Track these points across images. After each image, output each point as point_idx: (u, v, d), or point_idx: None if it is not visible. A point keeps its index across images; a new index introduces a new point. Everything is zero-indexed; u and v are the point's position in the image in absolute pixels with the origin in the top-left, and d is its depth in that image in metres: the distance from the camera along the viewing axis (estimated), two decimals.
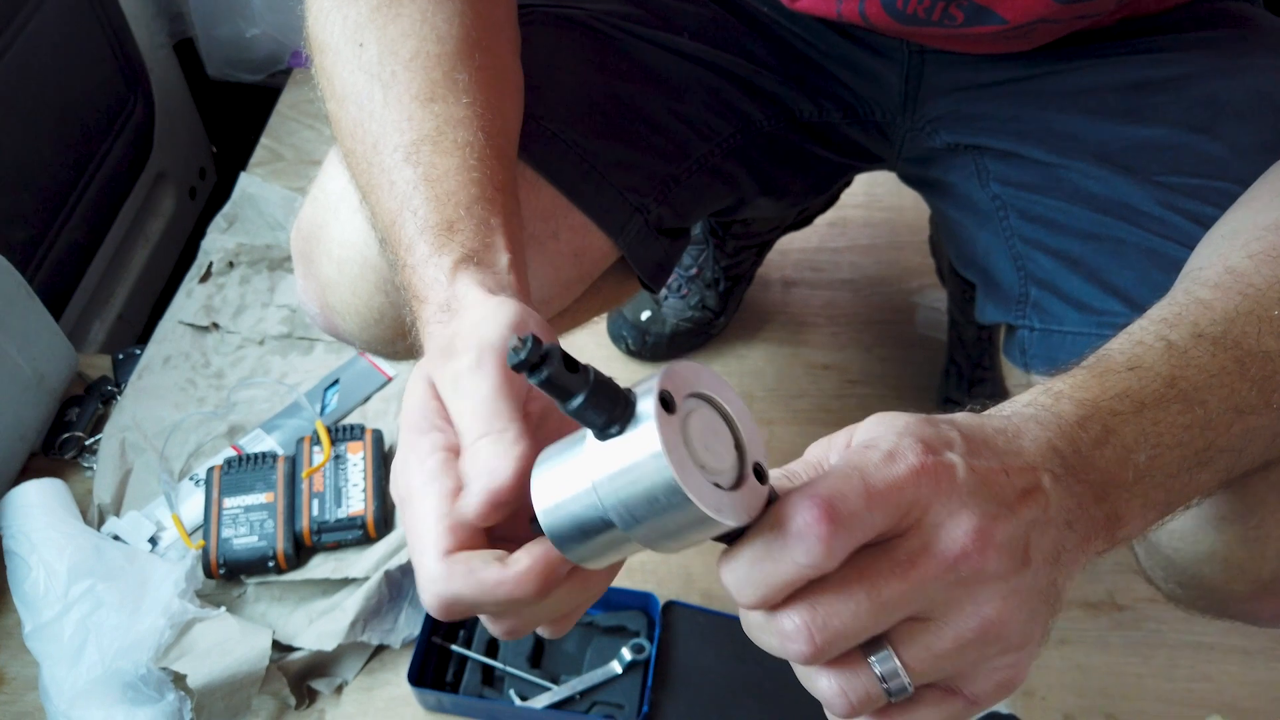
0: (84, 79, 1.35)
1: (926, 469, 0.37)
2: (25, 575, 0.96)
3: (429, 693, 0.93)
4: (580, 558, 0.39)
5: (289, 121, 1.52)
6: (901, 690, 0.38)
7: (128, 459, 1.11)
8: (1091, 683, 0.97)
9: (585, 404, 0.34)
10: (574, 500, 0.37)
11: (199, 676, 0.89)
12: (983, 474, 0.38)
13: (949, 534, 0.37)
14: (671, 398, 0.35)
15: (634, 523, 0.36)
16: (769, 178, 0.84)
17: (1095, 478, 0.41)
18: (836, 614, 0.37)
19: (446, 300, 0.49)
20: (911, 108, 0.82)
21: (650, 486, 0.35)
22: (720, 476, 0.36)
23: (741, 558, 0.37)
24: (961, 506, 0.37)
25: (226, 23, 1.57)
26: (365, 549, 1.02)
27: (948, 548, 0.37)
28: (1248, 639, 0.99)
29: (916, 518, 0.37)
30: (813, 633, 0.37)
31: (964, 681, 0.39)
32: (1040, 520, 0.39)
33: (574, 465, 0.37)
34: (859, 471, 0.36)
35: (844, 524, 0.35)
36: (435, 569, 0.42)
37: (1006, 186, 0.77)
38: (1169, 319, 0.47)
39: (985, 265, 0.79)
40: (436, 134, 0.55)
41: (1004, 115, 0.78)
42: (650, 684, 0.93)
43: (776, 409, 1.20)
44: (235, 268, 1.30)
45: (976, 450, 0.39)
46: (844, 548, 0.36)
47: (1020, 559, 0.38)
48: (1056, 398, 0.43)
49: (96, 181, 1.35)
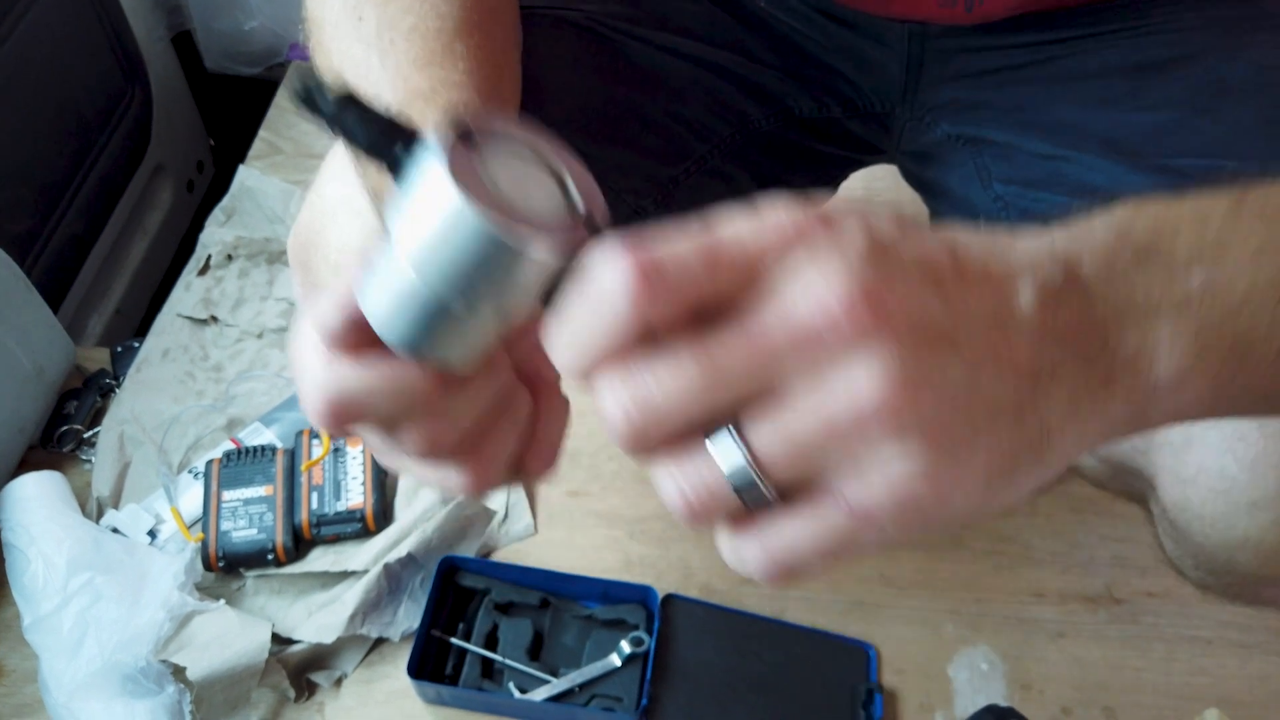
0: (82, 71, 1.35)
1: (798, 227, 0.29)
2: (24, 568, 0.96)
3: (428, 685, 0.93)
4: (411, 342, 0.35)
5: (288, 115, 1.51)
6: (750, 485, 0.30)
7: (126, 452, 1.11)
8: (1089, 676, 0.98)
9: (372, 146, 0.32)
10: (380, 273, 0.34)
11: (198, 669, 0.89)
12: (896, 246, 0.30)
13: (809, 287, 0.29)
14: (467, 129, 0.32)
15: (435, 270, 0.32)
16: (769, 177, 0.84)
17: (1117, 302, 0.32)
18: (658, 383, 0.29)
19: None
20: (912, 97, 0.81)
21: (440, 216, 0.31)
22: (534, 217, 0.32)
23: (555, 324, 0.31)
24: (841, 263, 0.29)
25: (225, 15, 1.57)
26: (364, 542, 1.02)
27: (806, 302, 0.29)
28: (1245, 633, 1.00)
29: (774, 273, 0.29)
30: (629, 408, 0.30)
31: (838, 478, 0.30)
32: (998, 318, 0.30)
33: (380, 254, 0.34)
34: (703, 231, 0.30)
35: (665, 278, 0.29)
36: (319, 375, 0.38)
37: (1009, 185, 0.77)
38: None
39: None
40: (430, 92, 0.55)
41: (1007, 104, 0.78)
42: (649, 677, 0.93)
43: None
44: (234, 261, 1.30)
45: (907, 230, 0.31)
46: (662, 309, 0.29)
47: (936, 334, 0.29)
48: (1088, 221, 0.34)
49: (94, 174, 1.35)
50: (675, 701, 0.93)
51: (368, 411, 0.38)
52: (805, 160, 0.86)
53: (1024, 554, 1.04)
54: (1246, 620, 1.00)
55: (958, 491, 0.29)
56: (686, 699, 0.94)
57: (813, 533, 0.30)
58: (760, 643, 0.97)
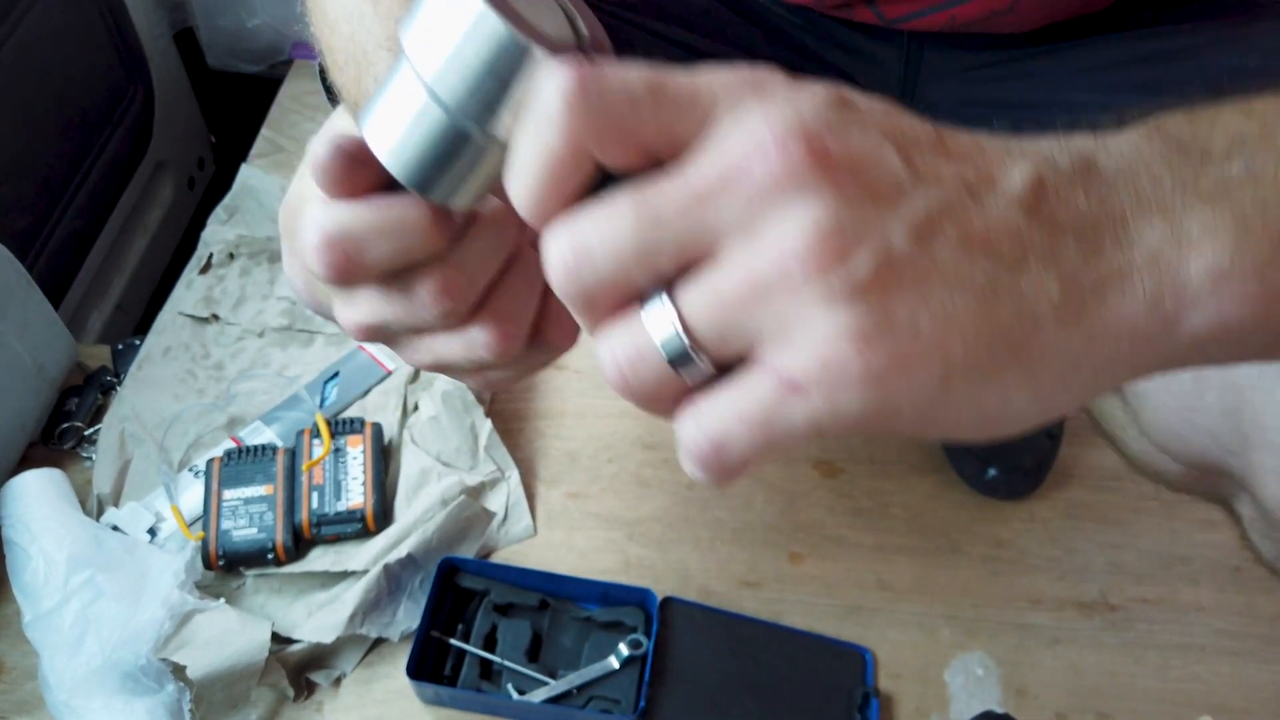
0: (84, 68, 1.35)
1: (739, 79, 0.28)
2: (25, 565, 0.96)
3: (427, 686, 0.93)
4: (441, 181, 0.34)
5: (290, 114, 1.52)
6: (681, 355, 0.28)
7: (127, 450, 1.11)
8: (1084, 682, 0.98)
9: None
10: (396, 109, 0.33)
11: (199, 668, 0.90)
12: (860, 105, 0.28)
13: (746, 130, 0.27)
14: None
15: (458, 95, 0.31)
16: None
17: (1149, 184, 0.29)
18: (596, 230, 0.28)
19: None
20: (911, 92, 0.81)
21: (463, 33, 0.30)
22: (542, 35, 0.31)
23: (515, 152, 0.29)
24: (788, 104, 0.27)
25: (228, 13, 1.57)
26: (364, 542, 1.03)
27: (738, 146, 0.26)
28: (1239, 640, 1.00)
29: (724, 119, 0.27)
30: (566, 256, 0.28)
31: (766, 342, 0.27)
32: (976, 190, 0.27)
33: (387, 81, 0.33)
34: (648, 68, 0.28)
35: (603, 101, 0.27)
36: (319, 208, 0.37)
37: None
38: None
39: None
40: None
41: (1013, 100, 0.77)
42: (648, 679, 0.93)
43: None
44: (235, 259, 1.30)
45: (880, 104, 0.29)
46: (602, 133, 0.27)
47: (882, 192, 0.26)
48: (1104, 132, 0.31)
49: (96, 170, 1.35)
50: (673, 704, 0.94)
51: (371, 253, 0.36)
52: None
53: (1020, 560, 1.05)
54: (1241, 627, 1.01)
55: (897, 368, 0.26)
56: (684, 701, 0.94)
57: (742, 406, 0.27)
58: (758, 646, 0.97)
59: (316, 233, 0.36)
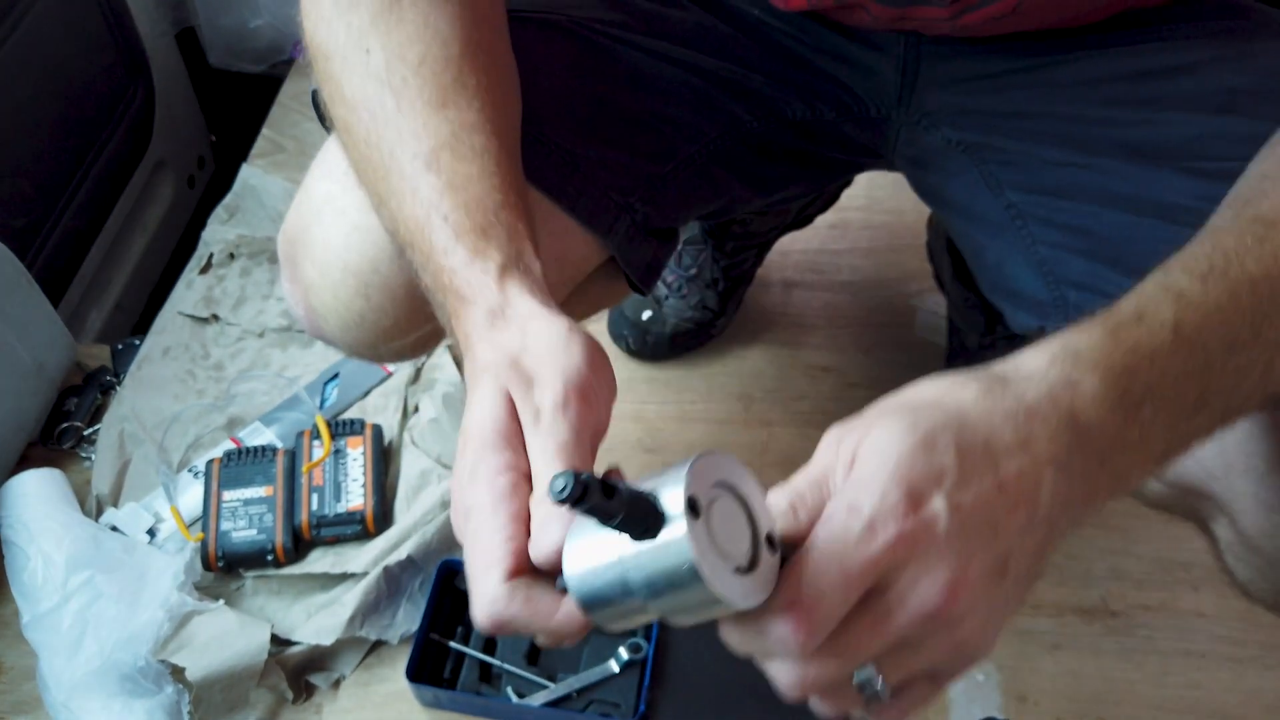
0: (85, 66, 1.35)
1: (904, 538, 0.39)
2: (24, 565, 0.96)
3: (426, 689, 0.93)
4: (604, 622, 0.43)
5: (291, 113, 1.51)
6: (877, 697, 0.42)
7: (126, 450, 1.11)
8: (1083, 688, 0.98)
9: (623, 523, 0.38)
10: (608, 587, 0.41)
11: (197, 669, 0.89)
12: (969, 510, 0.40)
13: (924, 591, 0.39)
14: (699, 502, 0.39)
15: (665, 610, 0.40)
16: (760, 178, 0.84)
17: (1103, 443, 0.43)
18: (824, 672, 0.41)
19: (499, 306, 0.51)
20: (907, 101, 0.81)
21: (684, 588, 0.38)
22: (739, 559, 0.40)
23: (734, 635, 0.41)
24: (938, 561, 0.39)
25: (230, 12, 1.57)
26: (364, 544, 1.02)
27: (923, 603, 0.39)
28: (1239, 647, 1.00)
29: (894, 578, 0.40)
30: (803, 687, 0.41)
31: (938, 675, 0.43)
32: (1030, 524, 0.41)
33: (609, 550, 0.40)
34: (838, 559, 0.39)
35: (820, 625, 0.39)
36: (496, 591, 0.44)
37: (1027, 194, 0.76)
38: (1171, 266, 0.49)
39: (999, 275, 0.78)
40: (454, 140, 0.56)
41: (1007, 109, 0.77)
42: (648, 683, 0.93)
43: (776, 411, 1.20)
44: (236, 259, 1.30)
45: (970, 473, 0.41)
46: (821, 639, 0.39)
47: (997, 576, 0.41)
48: (1075, 360, 0.44)
49: (96, 169, 1.35)
50: (673, 708, 0.94)
51: (522, 632, 0.46)
52: (798, 163, 0.85)
53: None
54: (1241, 634, 1.01)
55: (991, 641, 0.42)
56: (684, 706, 0.94)
57: (920, 702, 0.44)
58: None
59: (489, 618, 0.44)
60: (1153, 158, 0.70)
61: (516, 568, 0.44)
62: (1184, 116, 0.70)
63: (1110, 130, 0.73)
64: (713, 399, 1.22)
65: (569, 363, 0.48)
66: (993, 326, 1.11)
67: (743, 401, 1.21)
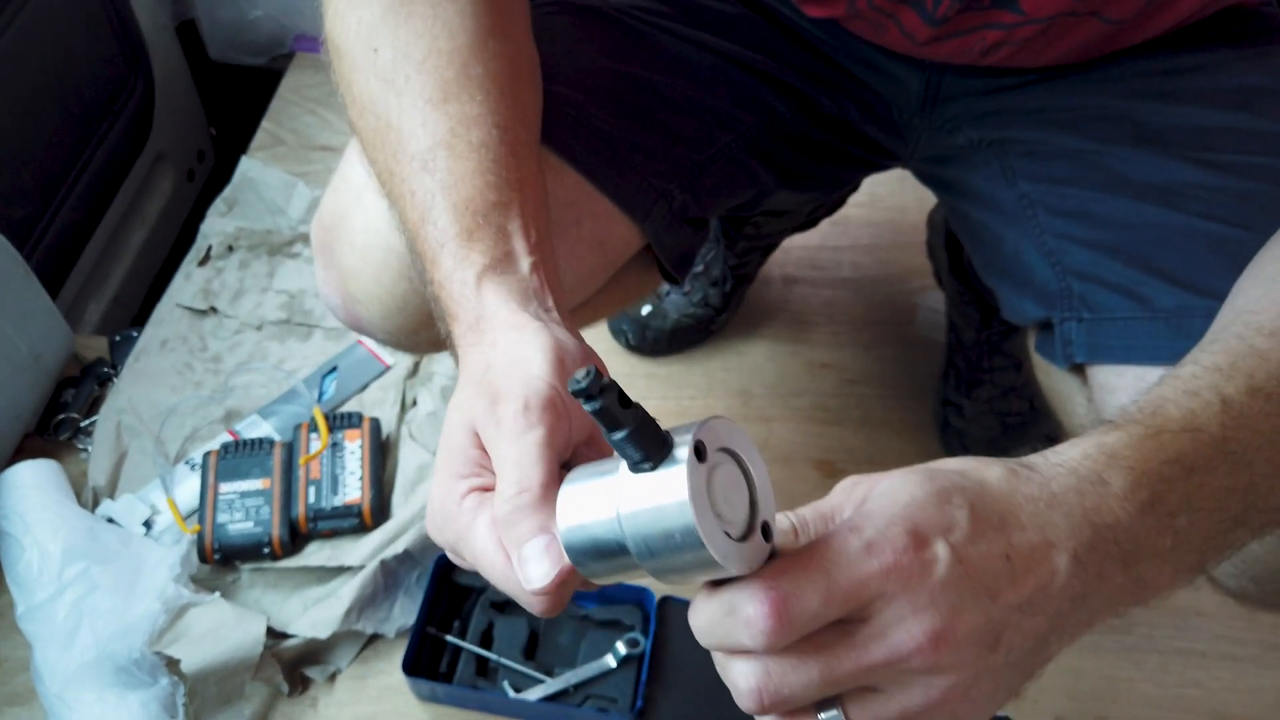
0: (85, 58, 1.34)
1: (899, 568, 0.38)
2: (19, 556, 0.96)
3: (423, 682, 0.92)
4: (589, 573, 0.42)
5: (291, 106, 1.51)
6: None
7: (123, 441, 1.10)
8: (1083, 686, 0.98)
9: (628, 438, 0.37)
10: (597, 524, 0.40)
11: (193, 662, 0.89)
12: (971, 565, 0.39)
13: (905, 630, 0.38)
14: (705, 448, 0.38)
15: (648, 555, 0.38)
16: (790, 170, 0.84)
17: (1129, 545, 0.42)
18: (786, 683, 0.39)
19: (475, 318, 0.50)
20: (930, 108, 0.81)
21: (670, 525, 0.37)
22: (732, 528, 0.39)
23: (703, 610, 0.40)
24: (928, 604, 0.38)
25: (229, 5, 1.57)
26: (361, 537, 1.02)
27: (901, 643, 0.38)
28: (1239, 646, 1.00)
29: (879, 608, 0.39)
30: (762, 695, 0.39)
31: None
32: (1033, 602, 0.40)
33: (603, 492, 0.40)
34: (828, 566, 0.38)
35: (793, 622, 0.38)
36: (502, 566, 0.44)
37: (1036, 183, 0.76)
38: (1223, 368, 0.47)
39: (1015, 265, 0.78)
40: (451, 137, 0.55)
41: (1030, 107, 0.78)
42: (645, 678, 0.93)
43: (775, 407, 1.20)
44: (234, 252, 1.30)
45: (979, 533, 0.40)
46: (790, 637, 0.38)
47: (987, 646, 0.39)
48: (1110, 460, 0.43)
49: (95, 161, 1.34)
50: (670, 703, 0.93)
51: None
52: (827, 156, 0.86)
53: None
54: (1241, 634, 1.00)
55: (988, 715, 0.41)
56: (681, 701, 0.94)
57: None
58: None
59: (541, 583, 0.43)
60: (1161, 145, 0.71)
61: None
62: (1197, 109, 0.71)
63: (1126, 119, 0.73)
64: (712, 395, 1.21)
65: (534, 371, 0.46)
66: (988, 322, 1.11)
67: (742, 397, 1.21)
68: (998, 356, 1.11)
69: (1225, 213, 0.67)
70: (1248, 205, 0.66)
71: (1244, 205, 0.66)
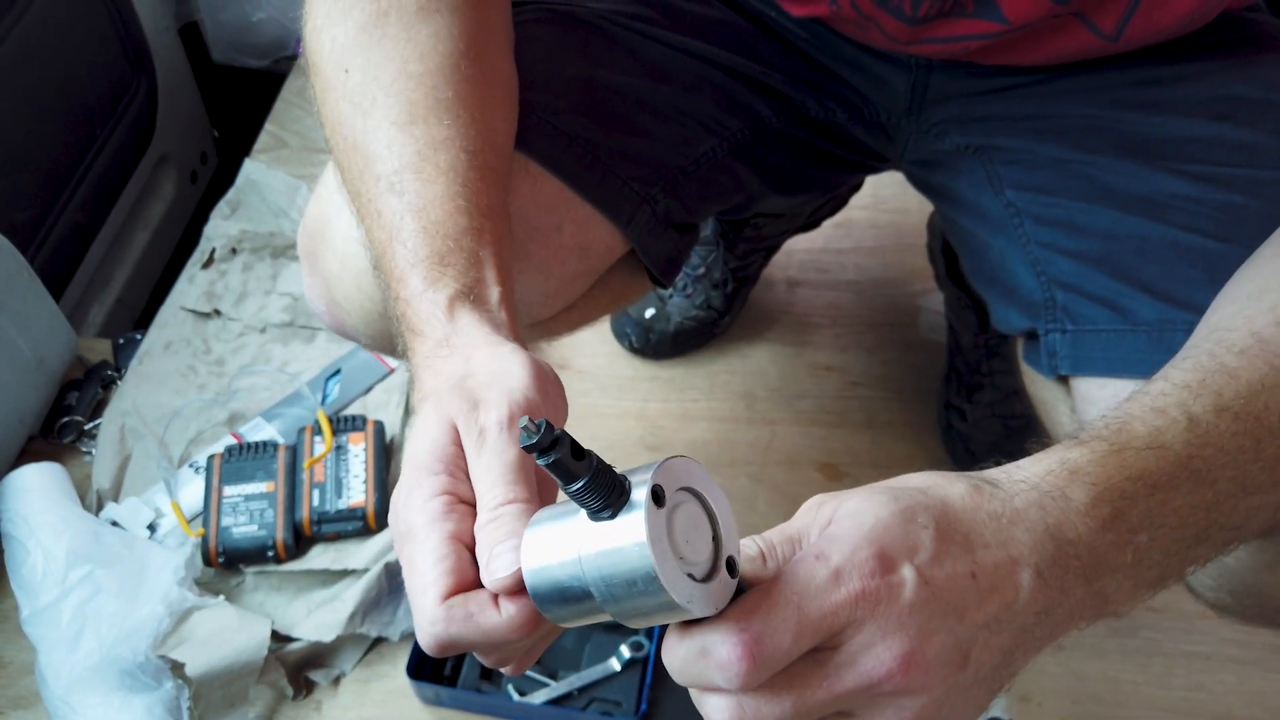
0: (88, 61, 1.35)
1: (867, 594, 0.38)
2: (23, 559, 0.96)
3: (427, 686, 0.92)
4: (555, 617, 0.42)
5: (293, 108, 1.51)
6: None
7: (127, 444, 1.10)
8: (1087, 689, 0.98)
9: (585, 488, 0.37)
10: (559, 567, 0.40)
11: (197, 665, 0.89)
12: (938, 586, 0.39)
13: (876, 656, 0.38)
14: (663, 492, 0.38)
15: (611, 599, 0.38)
16: (778, 174, 0.84)
17: (1090, 560, 0.42)
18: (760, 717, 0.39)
19: (446, 337, 0.50)
20: (918, 111, 0.81)
21: (631, 571, 0.37)
22: (695, 568, 0.39)
23: (676, 651, 0.39)
24: (897, 628, 0.39)
25: (233, 7, 1.57)
26: (365, 541, 1.02)
27: (872, 668, 0.38)
28: (1244, 649, 1.00)
29: (849, 635, 0.39)
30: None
31: None
32: (998, 619, 0.40)
33: (565, 536, 0.40)
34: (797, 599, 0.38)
35: (765, 661, 0.38)
36: (434, 611, 0.43)
37: (1022, 192, 0.76)
38: (1192, 386, 0.47)
39: (1001, 274, 0.78)
40: (418, 159, 0.56)
41: (1017, 114, 0.77)
42: (649, 681, 0.93)
43: (779, 410, 1.20)
44: (238, 254, 1.30)
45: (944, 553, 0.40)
46: (765, 676, 0.38)
47: (956, 665, 0.40)
48: (1072, 476, 0.43)
49: (98, 163, 1.34)
50: (675, 707, 0.93)
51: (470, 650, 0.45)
52: (815, 160, 0.86)
53: None
54: (1246, 637, 1.00)
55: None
56: (686, 705, 0.93)
57: None
58: None
59: (432, 639, 0.44)
60: (1145, 156, 0.71)
61: (453, 587, 0.43)
62: (1182, 120, 0.71)
63: (1112, 129, 0.73)
64: (715, 397, 1.21)
65: (515, 383, 0.46)
66: (985, 326, 1.11)
67: (745, 400, 1.21)
68: (996, 360, 1.10)
69: (1207, 225, 0.67)
70: (1229, 218, 0.66)
71: (1225, 218, 0.66)
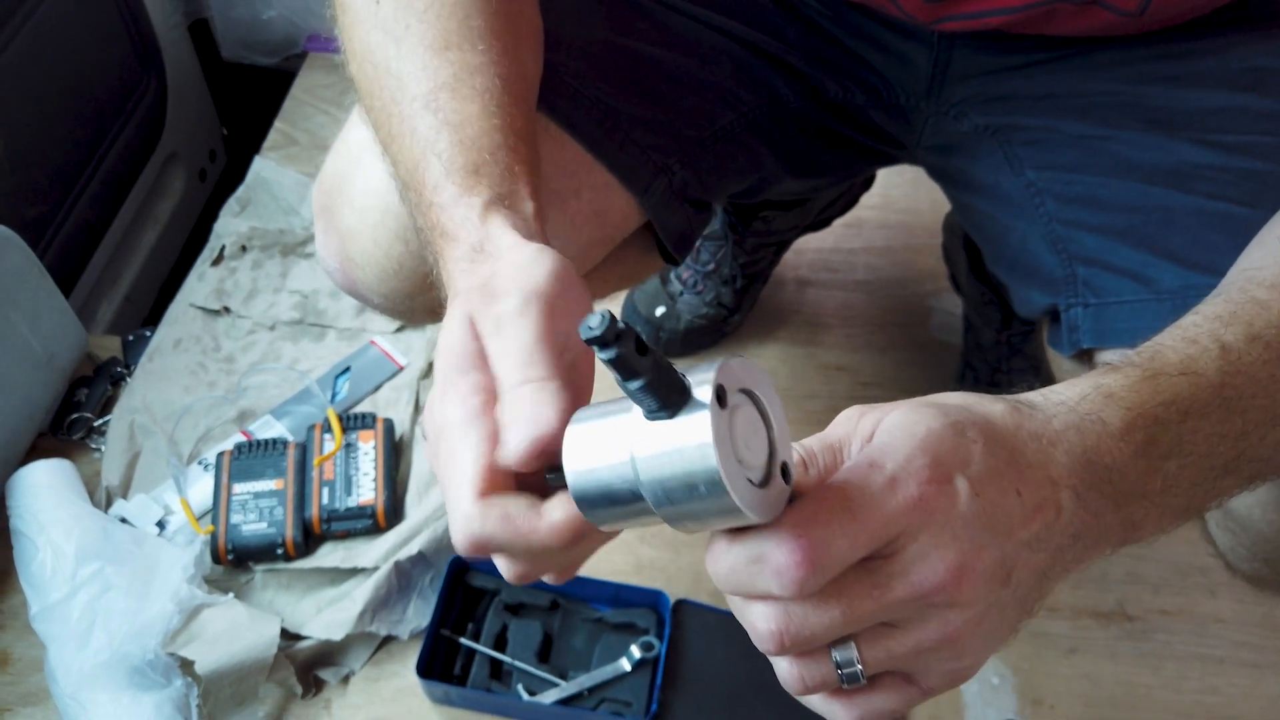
0: (97, 58, 1.34)
1: (924, 501, 0.38)
2: (33, 556, 0.95)
3: (436, 685, 0.92)
4: (598, 520, 0.40)
5: (304, 106, 1.51)
6: (855, 679, 0.40)
7: (136, 441, 1.10)
8: (1100, 693, 0.97)
9: (645, 387, 0.35)
10: (609, 469, 0.38)
11: (206, 663, 0.89)
12: (988, 500, 0.39)
13: (930, 566, 0.38)
14: (725, 392, 0.37)
15: (666, 502, 0.37)
16: (794, 155, 0.84)
17: (1122, 486, 0.42)
18: (808, 625, 0.38)
19: (479, 241, 0.50)
20: (938, 91, 0.80)
21: (692, 474, 0.36)
22: (753, 472, 0.37)
23: (726, 558, 0.39)
24: (951, 539, 0.38)
25: (243, 4, 1.56)
26: (375, 539, 1.02)
27: (925, 579, 0.38)
28: (1258, 653, 0.99)
29: (903, 544, 0.38)
30: (783, 638, 0.39)
31: (918, 675, 0.42)
32: (1039, 538, 0.40)
33: (614, 434, 0.38)
34: (854, 505, 0.37)
35: (823, 569, 0.37)
36: (471, 509, 0.42)
37: (1043, 171, 0.76)
38: (1224, 316, 0.47)
39: (1022, 256, 0.77)
40: (454, 81, 0.55)
41: (1037, 93, 0.77)
42: (659, 682, 0.92)
43: (789, 410, 1.18)
44: (248, 252, 1.29)
45: (993, 471, 0.40)
46: (820, 583, 0.37)
47: (1000, 581, 0.40)
48: (1107, 400, 0.43)
49: (108, 161, 1.34)
50: (685, 707, 0.93)
51: (503, 553, 0.44)
52: (831, 143, 0.85)
53: None
54: (1260, 640, 1.00)
55: (988, 658, 0.42)
56: (696, 705, 0.93)
57: (896, 703, 0.42)
58: None
59: (466, 537, 0.43)
60: (1170, 127, 0.71)
61: (491, 484, 0.42)
62: (1207, 91, 0.70)
63: (1135, 104, 0.72)
64: None
65: (531, 275, 0.45)
66: (1009, 322, 1.11)
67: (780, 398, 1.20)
68: (1017, 358, 1.10)
69: (1233, 192, 0.66)
70: (1255, 184, 0.66)
71: (1251, 184, 0.66)
